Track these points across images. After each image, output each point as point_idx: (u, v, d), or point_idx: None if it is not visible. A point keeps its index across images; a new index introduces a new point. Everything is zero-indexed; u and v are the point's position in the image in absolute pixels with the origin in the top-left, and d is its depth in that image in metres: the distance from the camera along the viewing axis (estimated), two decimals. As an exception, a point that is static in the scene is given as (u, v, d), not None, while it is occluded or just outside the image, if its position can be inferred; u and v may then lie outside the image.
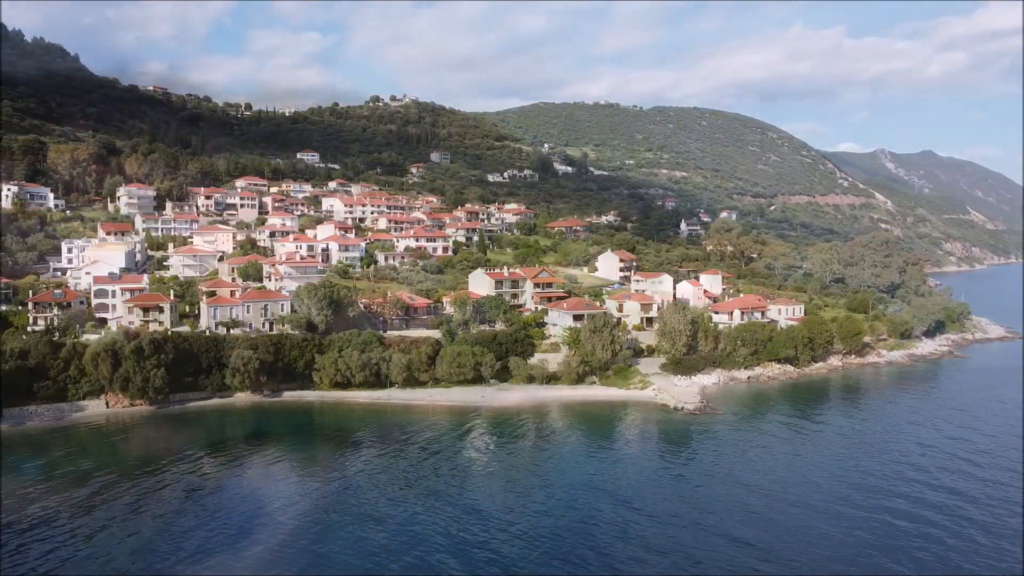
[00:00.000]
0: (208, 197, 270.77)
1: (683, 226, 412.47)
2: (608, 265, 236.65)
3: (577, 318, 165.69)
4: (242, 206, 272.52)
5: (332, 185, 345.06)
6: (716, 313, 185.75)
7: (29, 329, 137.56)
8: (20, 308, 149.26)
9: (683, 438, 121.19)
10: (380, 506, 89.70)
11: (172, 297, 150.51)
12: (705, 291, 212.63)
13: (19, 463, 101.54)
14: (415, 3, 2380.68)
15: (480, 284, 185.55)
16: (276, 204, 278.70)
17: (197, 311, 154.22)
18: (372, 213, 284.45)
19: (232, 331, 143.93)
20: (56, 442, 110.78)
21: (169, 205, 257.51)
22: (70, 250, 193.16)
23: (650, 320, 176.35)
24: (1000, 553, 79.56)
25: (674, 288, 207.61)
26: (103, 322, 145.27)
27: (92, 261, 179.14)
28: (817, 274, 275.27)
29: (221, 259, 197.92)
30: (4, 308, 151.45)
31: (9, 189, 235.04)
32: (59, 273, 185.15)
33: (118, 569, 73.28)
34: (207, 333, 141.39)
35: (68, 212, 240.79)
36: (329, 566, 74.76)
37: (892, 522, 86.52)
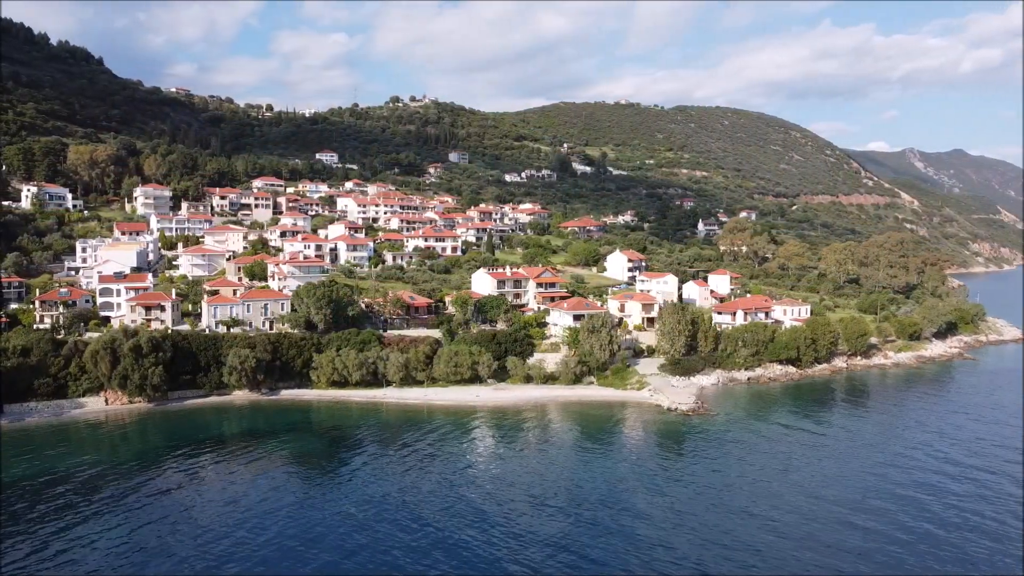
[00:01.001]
0: (223, 197, 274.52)
1: (700, 226, 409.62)
2: (616, 265, 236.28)
3: (577, 318, 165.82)
4: (256, 206, 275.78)
5: (348, 185, 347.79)
6: (719, 314, 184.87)
7: (35, 327, 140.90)
8: (30, 306, 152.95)
9: (670, 439, 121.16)
10: (350, 505, 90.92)
11: (174, 296, 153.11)
12: (712, 291, 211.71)
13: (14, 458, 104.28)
14: (440, 3, 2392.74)
15: (483, 284, 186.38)
16: (290, 204, 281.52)
17: (199, 310, 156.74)
18: (385, 213, 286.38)
19: (232, 330, 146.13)
20: (49, 438, 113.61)
21: (184, 205, 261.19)
22: (84, 249, 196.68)
23: (651, 320, 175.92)
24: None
25: (679, 288, 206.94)
26: (107, 320, 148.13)
27: (104, 260, 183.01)
28: (831, 274, 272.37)
29: (230, 259, 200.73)
30: (15, 306, 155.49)
31: (29, 190, 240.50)
32: (73, 272, 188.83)
33: (97, 571, 74.87)
34: (207, 332, 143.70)
35: (86, 212, 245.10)
36: (311, 565, 75.89)
37: (844, 539, 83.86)
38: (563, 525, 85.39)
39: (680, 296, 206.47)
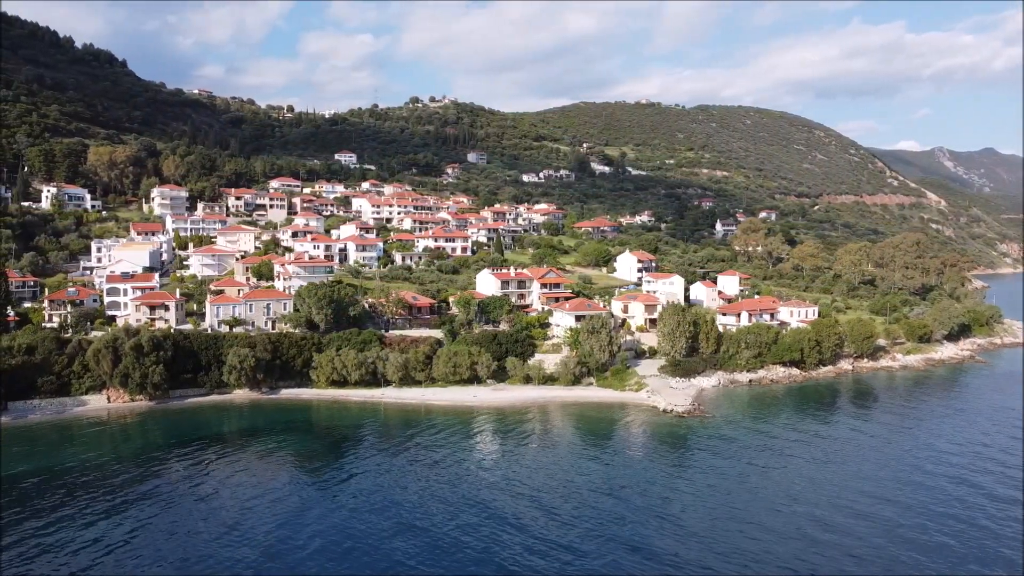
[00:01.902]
0: (238, 198, 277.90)
1: (719, 226, 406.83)
2: (626, 266, 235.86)
3: (579, 319, 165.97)
4: (271, 206, 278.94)
5: (365, 186, 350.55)
6: (723, 315, 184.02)
7: (44, 325, 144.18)
8: (41, 305, 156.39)
9: (660, 440, 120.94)
10: (330, 502, 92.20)
11: (178, 296, 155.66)
12: (720, 292, 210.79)
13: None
14: (466, 4, 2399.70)
15: (487, 284, 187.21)
16: (304, 204, 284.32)
17: (204, 309, 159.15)
18: (399, 213, 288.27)
19: (235, 329, 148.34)
20: (50, 435, 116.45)
21: (200, 206, 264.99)
22: (99, 249, 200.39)
23: (654, 321, 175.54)
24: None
25: (687, 289, 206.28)
26: (113, 319, 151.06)
27: (117, 261, 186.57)
28: (846, 275, 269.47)
29: (240, 259, 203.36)
30: (28, 305, 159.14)
31: (49, 191, 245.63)
32: (87, 272, 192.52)
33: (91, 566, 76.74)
34: (209, 331, 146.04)
35: (104, 213, 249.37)
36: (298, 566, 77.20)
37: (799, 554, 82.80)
38: (530, 522, 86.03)
39: (687, 297, 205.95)
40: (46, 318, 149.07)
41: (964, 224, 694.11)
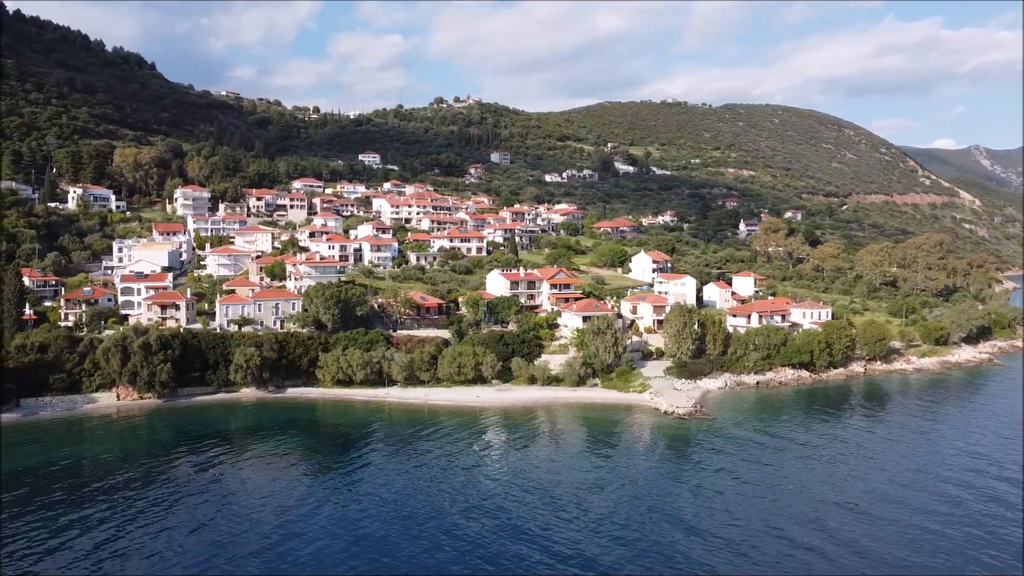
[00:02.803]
0: (259, 198, 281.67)
1: (742, 226, 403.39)
2: (641, 266, 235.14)
3: (586, 319, 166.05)
4: (292, 207, 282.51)
5: (386, 186, 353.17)
6: (734, 316, 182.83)
7: (60, 324, 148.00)
8: (58, 304, 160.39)
9: (654, 441, 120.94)
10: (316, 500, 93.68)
11: (188, 296, 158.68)
12: (733, 293, 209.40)
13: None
14: (493, 4, 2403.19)
15: (497, 285, 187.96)
16: (324, 205, 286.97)
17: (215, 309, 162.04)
18: (418, 214, 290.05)
19: (244, 329, 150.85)
20: (59, 431, 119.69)
21: (222, 206, 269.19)
22: (120, 249, 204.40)
23: (662, 323, 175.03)
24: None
25: (700, 290, 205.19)
26: (126, 318, 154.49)
27: (136, 260, 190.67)
28: (867, 276, 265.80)
29: (256, 259, 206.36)
30: (48, 304, 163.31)
31: (75, 191, 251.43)
32: (108, 271, 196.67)
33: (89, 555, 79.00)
34: (218, 330, 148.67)
35: (128, 213, 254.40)
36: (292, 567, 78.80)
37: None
38: (504, 522, 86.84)
39: (700, 298, 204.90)
40: (62, 317, 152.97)
41: (999, 224, 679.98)
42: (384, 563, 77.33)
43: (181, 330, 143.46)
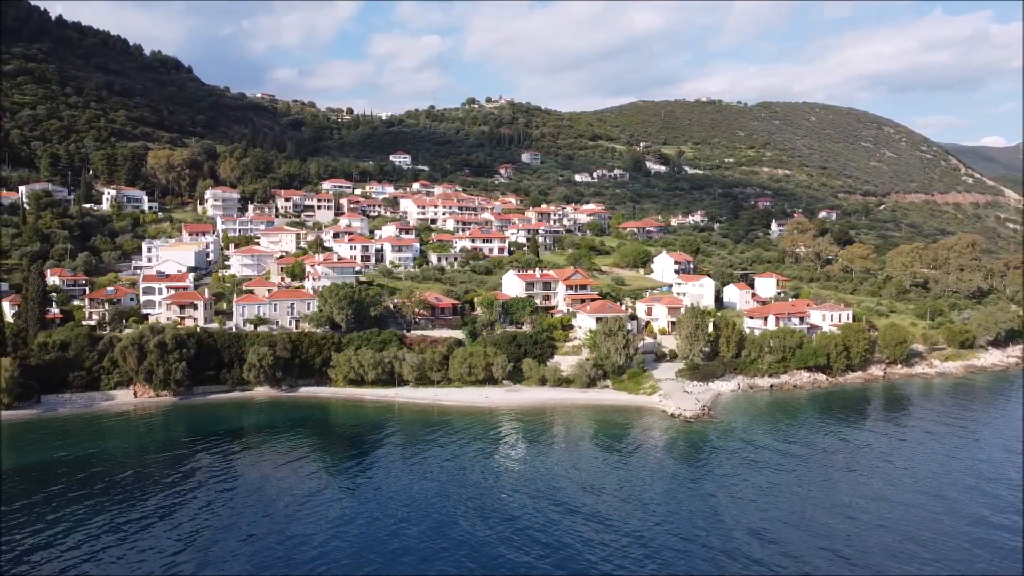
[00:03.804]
0: (287, 199, 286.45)
1: (774, 226, 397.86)
2: (663, 267, 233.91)
3: (600, 320, 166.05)
4: (319, 207, 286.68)
5: (415, 186, 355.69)
6: (751, 318, 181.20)
7: (84, 323, 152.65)
8: (83, 303, 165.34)
9: (655, 444, 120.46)
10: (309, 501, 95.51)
11: (207, 295, 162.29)
12: (754, 294, 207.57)
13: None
14: (529, 4, 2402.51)
15: (512, 285, 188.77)
16: (351, 205, 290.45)
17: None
18: (443, 214, 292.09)
19: (259, 328, 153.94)
20: (77, 426, 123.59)
21: (251, 207, 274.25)
22: (149, 250, 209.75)
23: (675, 324, 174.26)
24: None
25: (720, 291, 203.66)
26: (146, 317, 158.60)
27: (163, 260, 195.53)
28: (897, 277, 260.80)
29: (279, 259, 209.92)
30: (76, 303, 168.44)
31: (109, 193, 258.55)
32: (137, 271, 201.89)
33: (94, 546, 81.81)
34: (234, 330, 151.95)
35: (160, 214, 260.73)
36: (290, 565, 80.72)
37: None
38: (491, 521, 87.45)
39: (720, 299, 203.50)
40: (86, 316, 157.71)
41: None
42: (391, 562, 78.16)
43: (198, 329, 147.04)
